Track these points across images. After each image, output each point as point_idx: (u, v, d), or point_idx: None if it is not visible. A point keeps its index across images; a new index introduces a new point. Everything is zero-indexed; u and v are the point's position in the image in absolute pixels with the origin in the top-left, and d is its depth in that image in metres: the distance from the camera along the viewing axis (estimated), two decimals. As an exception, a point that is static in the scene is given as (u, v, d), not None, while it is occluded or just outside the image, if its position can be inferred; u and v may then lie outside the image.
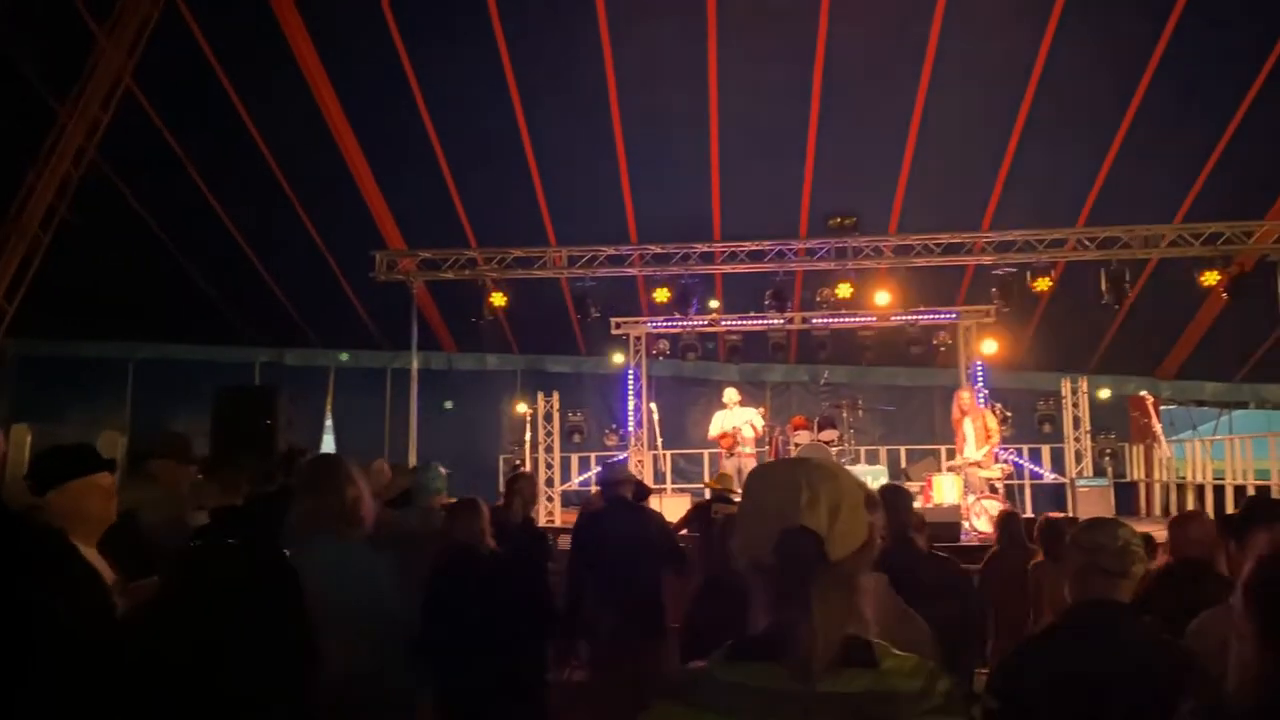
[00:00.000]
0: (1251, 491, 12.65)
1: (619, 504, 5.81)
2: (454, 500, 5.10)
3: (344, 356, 16.13)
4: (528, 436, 13.74)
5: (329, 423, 16.33)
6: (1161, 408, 15.11)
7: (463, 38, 11.10)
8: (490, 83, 11.42)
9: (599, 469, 6.20)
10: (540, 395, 13.95)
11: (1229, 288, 11.80)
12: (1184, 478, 14.24)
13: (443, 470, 5.81)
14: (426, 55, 11.31)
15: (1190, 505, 13.45)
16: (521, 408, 14.14)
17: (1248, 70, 10.63)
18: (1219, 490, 13.30)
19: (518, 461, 13.78)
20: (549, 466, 13.73)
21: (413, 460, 11.58)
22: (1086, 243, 12.05)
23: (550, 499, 13.56)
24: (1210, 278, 11.84)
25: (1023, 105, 11.28)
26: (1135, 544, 2.60)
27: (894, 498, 4.24)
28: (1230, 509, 8.59)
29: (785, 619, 1.42)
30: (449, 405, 15.51)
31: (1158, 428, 14.02)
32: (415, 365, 12.80)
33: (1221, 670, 2.07)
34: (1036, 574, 5.80)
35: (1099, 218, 12.26)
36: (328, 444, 16.19)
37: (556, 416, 13.85)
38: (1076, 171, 12.17)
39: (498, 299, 12.63)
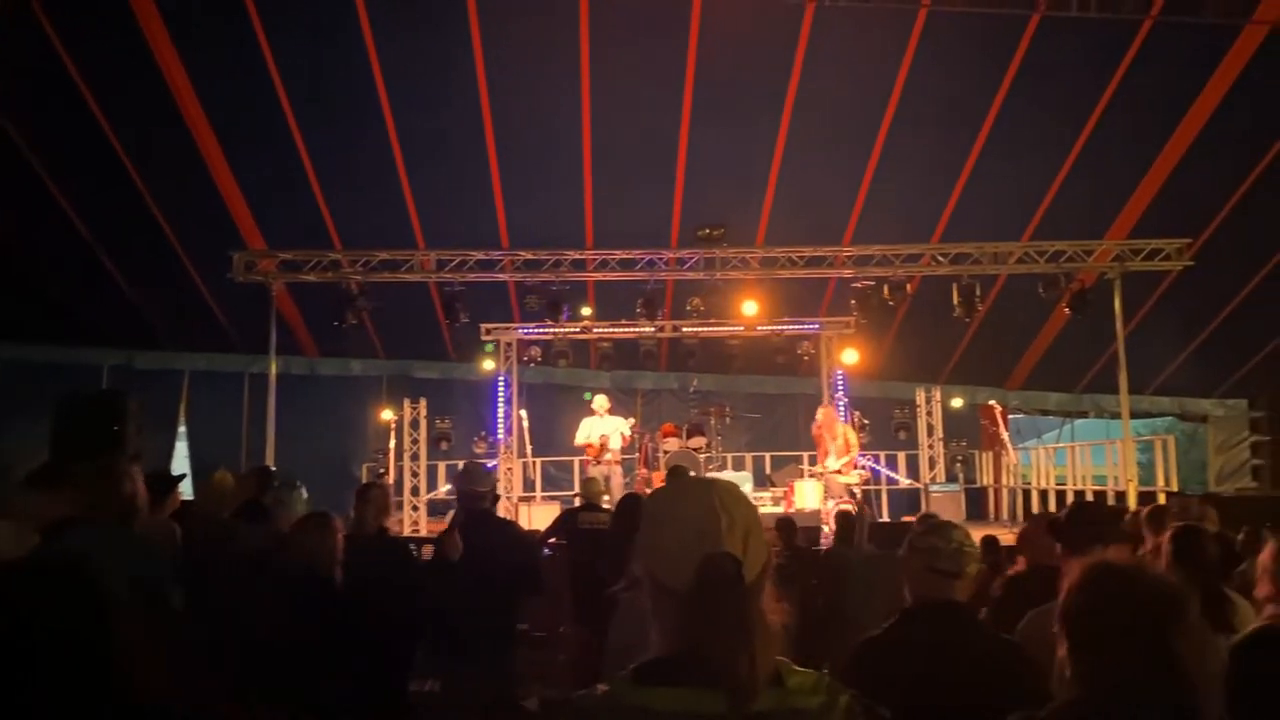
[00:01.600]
0: (1090, 496, 13.44)
1: (478, 516, 5.63)
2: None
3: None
4: (392, 444, 13.46)
5: (182, 430, 15.65)
6: (1009, 416, 15.87)
7: (328, 32, 10.85)
8: (357, 79, 11.18)
9: (457, 473, 5.96)
10: (406, 401, 13.68)
11: (1071, 303, 12.49)
12: (1029, 483, 15.00)
13: (304, 494, 5.56)
14: (290, 49, 11.00)
15: (1035, 509, 14.17)
16: (387, 414, 13.84)
17: (1088, 101, 11.31)
18: (1061, 495, 14.05)
19: (381, 470, 13.49)
20: (415, 475, 13.48)
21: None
22: (940, 258, 12.57)
23: (415, 508, 13.32)
24: (1053, 293, 12.52)
25: (882, 126, 11.72)
26: (969, 546, 2.73)
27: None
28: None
29: (710, 642, 1.42)
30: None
31: (1005, 435, 14.73)
32: (274, 369, 12.38)
33: (1049, 667, 2.20)
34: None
35: (952, 235, 12.82)
36: (180, 452, 15.51)
37: (424, 423, 13.61)
38: (931, 191, 12.70)
39: (362, 302, 12.33)
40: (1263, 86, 10.71)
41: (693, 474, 11.10)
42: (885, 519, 13.27)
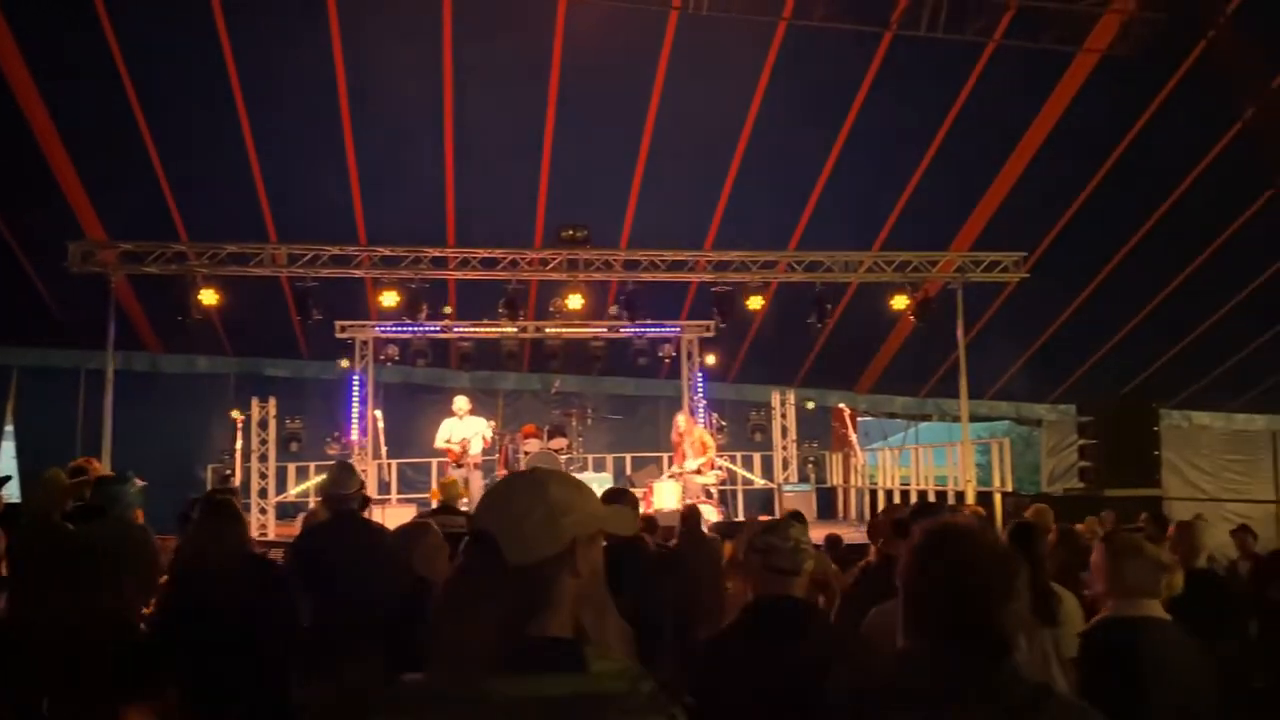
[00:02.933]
0: (932, 496, 14.06)
1: (346, 517, 5.36)
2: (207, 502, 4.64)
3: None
4: (239, 444, 12.95)
5: (9, 429, 14.69)
6: (858, 419, 16.46)
7: (176, 12, 10.36)
8: (208, 68, 10.73)
9: (329, 472, 5.62)
10: (255, 401, 13.18)
11: (916, 312, 13.06)
12: (876, 483, 15.58)
13: (139, 482, 5.32)
14: (135, 30, 10.46)
15: (881, 509, 14.74)
16: (234, 414, 13.31)
17: (936, 119, 11.83)
18: (905, 495, 14.64)
19: (227, 471, 12.97)
20: (263, 476, 13.00)
21: (108, 470, 10.61)
22: (796, 266, 12.94)
23: (264, 510, 12.85)
24: (900, 302, 13.06)
25: (743, 134, 11.97)
26: (805, 543, 2.83)
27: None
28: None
29: (450, 623, 1.44)
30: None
31: (854, 437, 15.27)
32: (111, 366, 11.74)
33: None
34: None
35: (807, 243, 13.22)
36: (7, 452, 14.56)
37: (273, 423, 13.13)
38: (789, 200, 13.06)
39: (208, 296, 11.82)
40: (1094, 110, 11.43)
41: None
42: (740, 518, 13.55)
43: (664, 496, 12.40)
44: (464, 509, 7.66)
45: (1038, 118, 11.73)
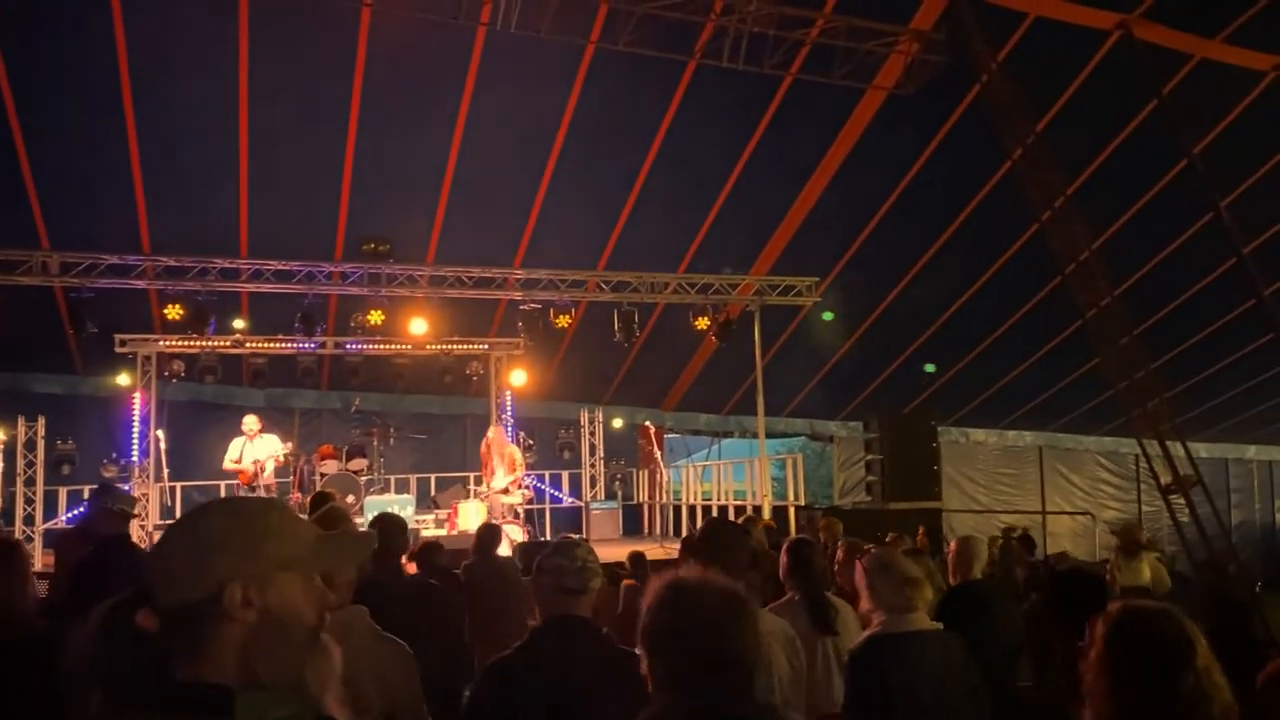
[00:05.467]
0: (732, 511, 14.47)
1: (117, 543, 4.96)
2: None
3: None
4: (1, 467, 11.86)
5: None
6: (664, 436, 16.77)
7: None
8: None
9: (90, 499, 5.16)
10: (22, 419, 12.11)
11: (718, 332, 13.45)
12: (680, 499, 15.90)
13: None
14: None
15: (684, 524, 15.05)
16: (-4, 433, 12.20)
17: (737, 147, 12.24)
18: (707, 510, 15.03)
19: (-13, 496, 11.87)
20: (29, 502, 11.96)
21: None
22: (604, 285, 13.09)
23: (30, 538, 11.81)
24: (703, 323, 13.44)
25: (553, 153, 12.00)
26: (592, 562, 2.85)
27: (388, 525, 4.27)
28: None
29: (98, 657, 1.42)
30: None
31: (659, 454, 15.55)
32: None
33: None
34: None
35: (615, 264, 13.39)
36: None
37: (41, 444, 12.11)
38: (598, 220, 13.19)
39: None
40: (882, 144, 12.13)
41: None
42: (546, 538, 13.51)
43: (469, 517, 12.21)
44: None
45: (831, 149, 12.33)
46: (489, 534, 7.26)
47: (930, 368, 16.31)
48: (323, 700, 1.39)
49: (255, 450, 12.02)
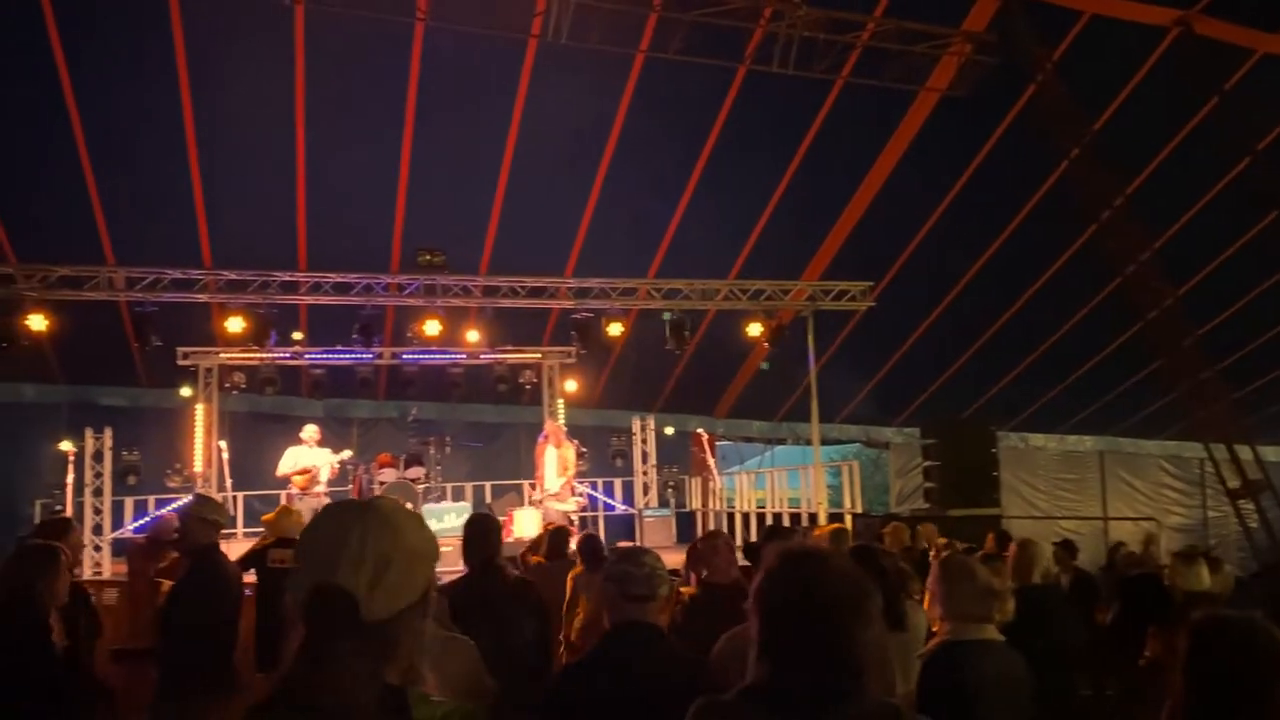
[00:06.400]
0: (786, 518, 14.38)
1: (208, 552, 5.07)
2: None
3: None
4: (70, 478, 12.16)
5: None
6: (716, 443, 16.73)
7: (5, 22, 9.74)
8: (39, 78, 10.11)
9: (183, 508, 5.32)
10: (89, 431, 12.41)
11: (770, 339, 13.40)
12: (734, 507, 15.84)
13: None
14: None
15: (739, 532, 14.98)
16: (65, 445, 12.50)
17: (788, 151, 12.22)
18: (761, 518, 14.94)
19: (57, 507, 12.15)
20: (97, 512, 12.24)
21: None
22: (655, 293, 13.11)
23: (99, 548, 12.09)
24: (755, 329, 13.38)
25: (603, 162, 12.07)
26: (659, 570, 2.86)
27: (482, 526, 4.35)
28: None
29: (303, 674, 1.36)
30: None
31: (712, 462, 15.51)
32: (-75, 395, 10.90)
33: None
34: (575, 583, 6.24)
35: (666, 271, 13.41)
36: None
37: (108, 455, 12.38)
38: (648, 228, 13.23)
39: (38, 321, 11.11)
40: (935, 146, 12.03)
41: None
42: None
43: (524, 524, 12.29)
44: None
45: (883, 153, 12.25)
46: (559, 537, 7.37)
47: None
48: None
49: (311, 458, 12.19)
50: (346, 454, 12.70)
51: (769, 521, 14.00)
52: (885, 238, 13.50)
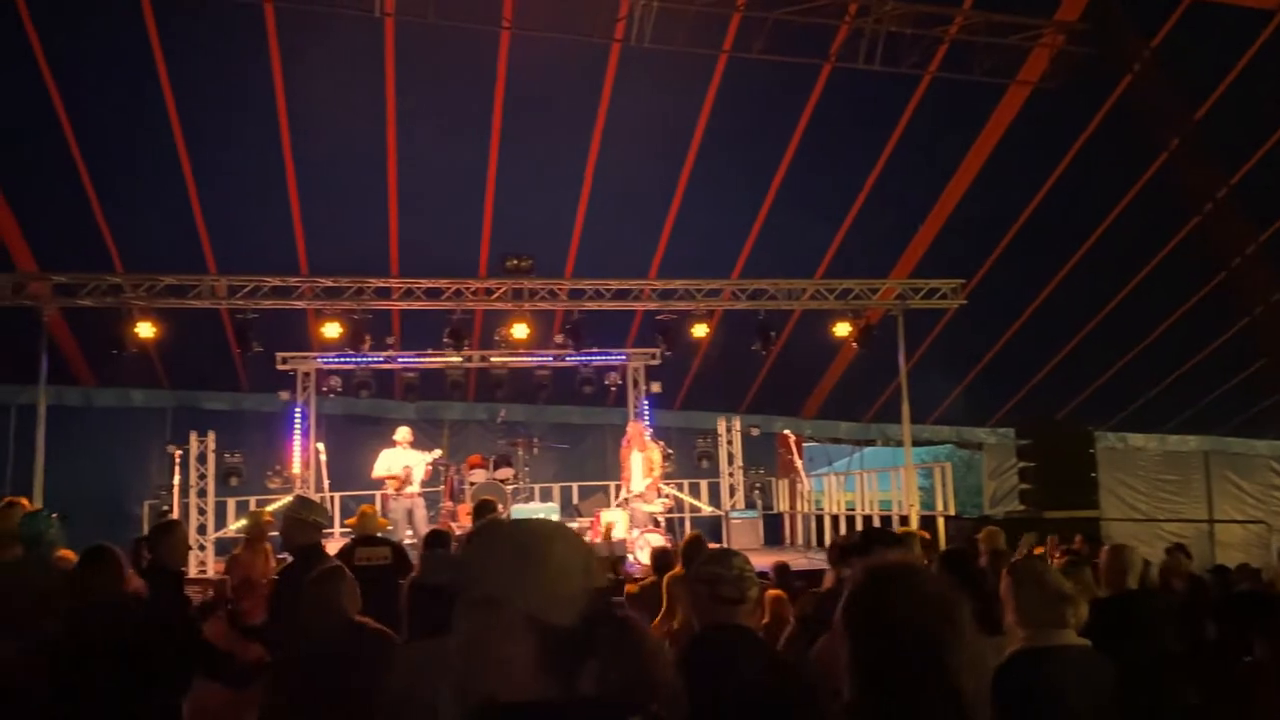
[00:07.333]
0: (877, 520, 14.19)
1: (311, 552, 5.23)
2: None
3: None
4: (177, 480, 12.66)
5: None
6: (804, 445, 16.58)
7: (110, 35, 10.20)
8: (143, 96, 10.55)
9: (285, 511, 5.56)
10: (194, 434, 12.90)
11: (859, 338, 13.23)
12: (822, 509, 15.68)
13: (53, 516, 5.19)
14: (68, 60, 10.27)
15: (827, 534, 14.84)
16: (171, 448, 13.02)
17: (875, 149, 12.06)
18: (850, 520, 14.78)
19: (165, 508, 12.66)
20: (202, 512, 12.72)
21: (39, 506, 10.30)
22: (739, 294, 13.05)
23: (203, 547, 12.56)
24: (843, 329, 13.23)
25: (686, 163, 12.09)
26: (749, 572, 2.85)
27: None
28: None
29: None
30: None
31: (800, 463, 15.37)
32: (43, 400, 11.45)
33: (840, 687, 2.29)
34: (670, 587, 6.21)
35: (750, 271, 13.34)
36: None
37: (212, 458, 12.86)
38: (733, 228, 13.19)
39: (145, 329, 11.59)
40: (1027, 141, 11.74)
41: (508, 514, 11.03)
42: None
43: (617, 526, 12.35)
44: (386, 537, 7.57)
45: (973, 148, 12.00)
46: (663, 557, 7.39)
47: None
48: None
49: (405, 459, 12.46)
50: (436, 453, 12.94)
51: (859, 525, 13.84)
52: (977, 234, 13.22)
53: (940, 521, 12.78)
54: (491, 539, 1.59)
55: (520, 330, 12.65)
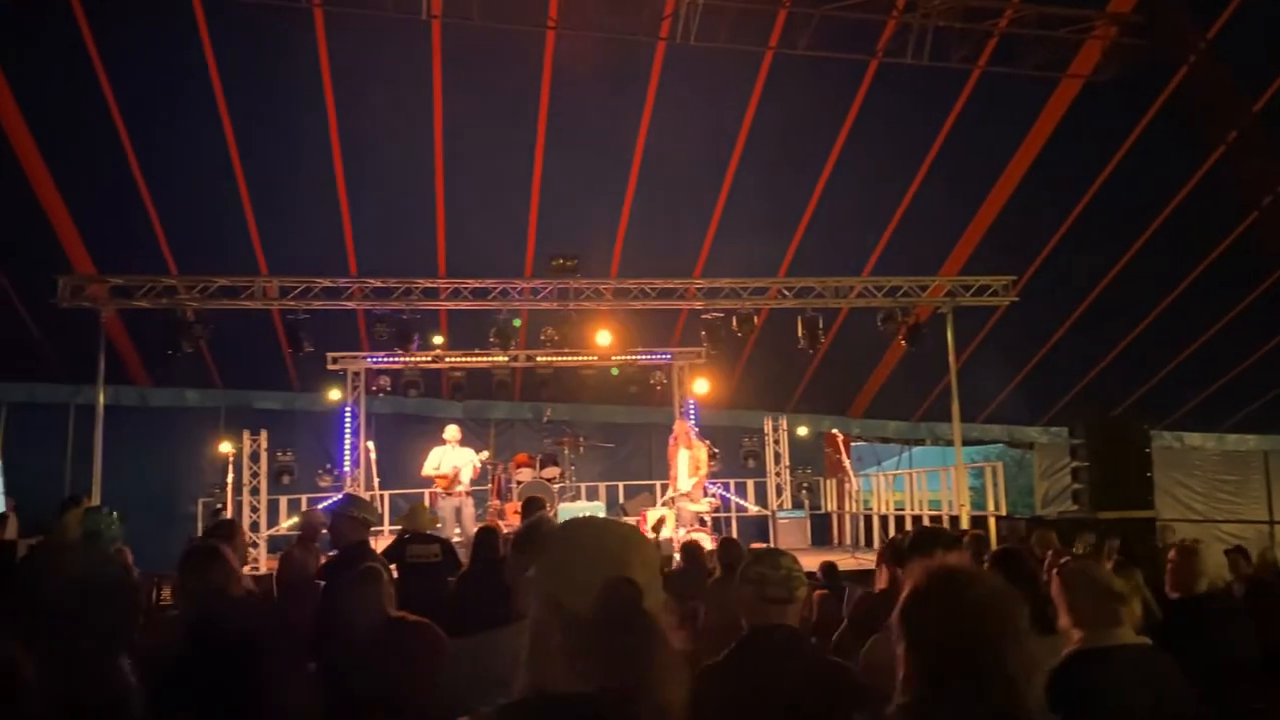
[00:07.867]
0: (926, 520, 14.03)
1: (358, 548, 5.24)
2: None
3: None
4: (230, 478, 12.89)
5: (-2, 464, 14.61)
6: (851, 444, 16.44)
7: (164, 40, 10.39)
8: (197, 102, 10.76)
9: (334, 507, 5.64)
10: (246, 433, 13.13)
11: (907, 336, 13.08)
12: (871, 509, 15.53)
13: (114, 514, 5.32)
14: (124, 67, 10.49)
15: (876, 534, 14.72)
16: (225, 446, 13.25)
17: (923, 144, 11.92)
18: (900, 520, 14.62)
19: (219, 506, 12.90)
20: (255, 510, 12.94)
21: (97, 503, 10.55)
22: (786, 292, 12.97)
23: (255, 544, 12.76)
24: (891, 327, 13.09)
25: (732, 162, 12.04)
26: (797, 571, 2.83)
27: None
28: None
29: (615, 673, 1.42)
30: None
31: (848, 463, 15.25)
32: (101, 400, 11.71)
33: (887, 687, 2.27)
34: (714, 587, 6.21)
35: (797, 269, 13.25)
36: (-5, 489, 14.47)
37: (264, 456, 13.07)
38: (778, 226, 13.10)
39: (199, 329, 11.82)
40: (1079, 135, 11.52)
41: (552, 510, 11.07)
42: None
43: (667, 525, 12.36)
44: (435, 535, 7.62)
45: (1024, 143, 11.82)
46: (693, 548, 7.40)
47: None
48: None
49: (454, 458, 12.56)
50: (485, 455, 13.03)
51: (908, 525, 13.69)
52: (1028, 230, 13.01)
53: (991, 522, 12.60)
54: (575, 540, 1.60)
55: (565, 330, 12.72)
